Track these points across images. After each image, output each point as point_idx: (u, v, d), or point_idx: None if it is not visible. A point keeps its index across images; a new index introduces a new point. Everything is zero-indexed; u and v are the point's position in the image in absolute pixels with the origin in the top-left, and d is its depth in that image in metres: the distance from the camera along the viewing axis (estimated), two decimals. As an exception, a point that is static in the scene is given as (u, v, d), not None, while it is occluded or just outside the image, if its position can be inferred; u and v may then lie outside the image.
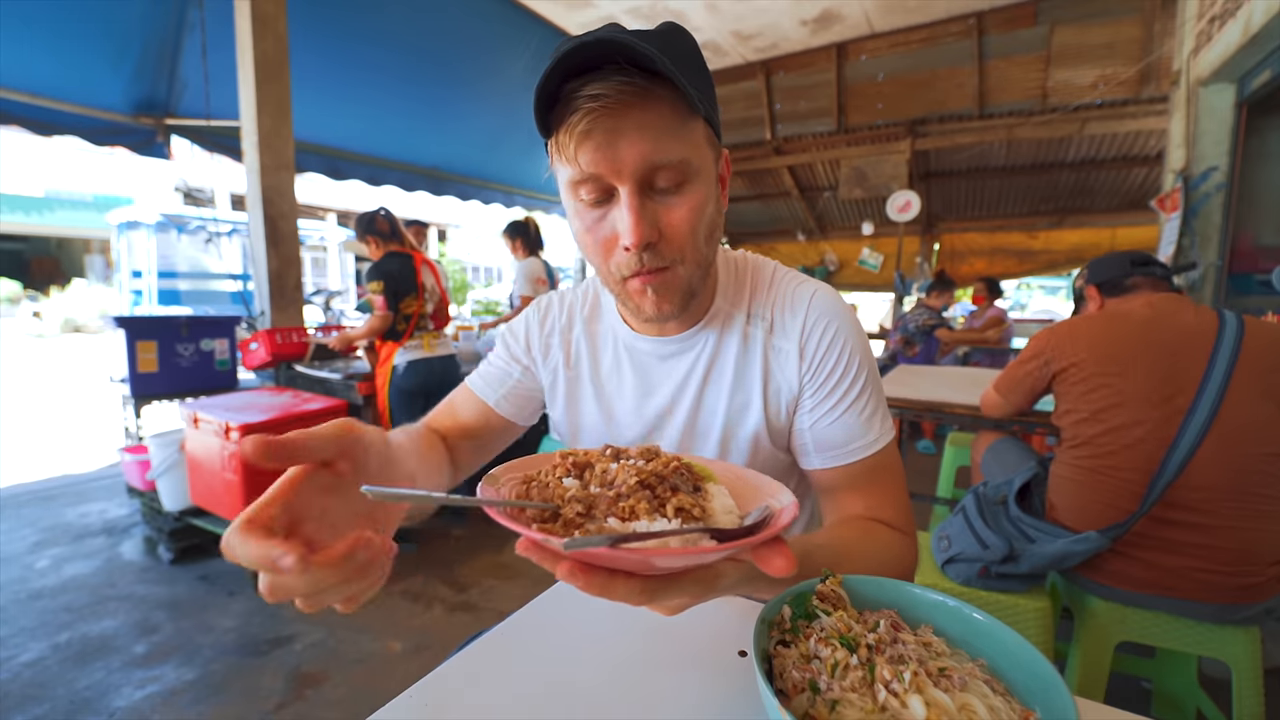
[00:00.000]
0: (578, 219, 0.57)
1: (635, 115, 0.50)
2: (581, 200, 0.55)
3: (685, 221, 0.55)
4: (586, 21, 4.60)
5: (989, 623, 0.44)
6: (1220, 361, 1.05)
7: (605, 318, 0.75)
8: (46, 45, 2.65)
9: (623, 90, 0.49)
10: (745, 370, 0.68)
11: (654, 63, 0.46)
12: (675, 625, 0.58)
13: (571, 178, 0.53)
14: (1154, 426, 1.08)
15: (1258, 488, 1.03)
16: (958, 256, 6.86)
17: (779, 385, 0.67)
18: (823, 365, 0.65)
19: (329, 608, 0.36)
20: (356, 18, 3.42)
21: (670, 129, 0.51)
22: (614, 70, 0.49)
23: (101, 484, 3.32)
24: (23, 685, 1.65)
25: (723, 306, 0.68)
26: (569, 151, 0.51)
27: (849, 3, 4.26)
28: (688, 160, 0.53)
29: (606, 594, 0.34)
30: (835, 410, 0.64)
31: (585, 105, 0.49)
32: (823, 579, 0.47)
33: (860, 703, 0.36)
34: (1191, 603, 1.08)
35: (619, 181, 0.52)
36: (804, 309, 0.66)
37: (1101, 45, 4.14)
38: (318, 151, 3.81)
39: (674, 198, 0.54)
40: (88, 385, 6.21)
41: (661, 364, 0.70)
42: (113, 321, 2.70)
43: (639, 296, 0.58)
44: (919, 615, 0.47)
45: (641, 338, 0.70)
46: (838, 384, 0.64)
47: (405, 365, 2.50)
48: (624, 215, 0.52)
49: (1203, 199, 2.62)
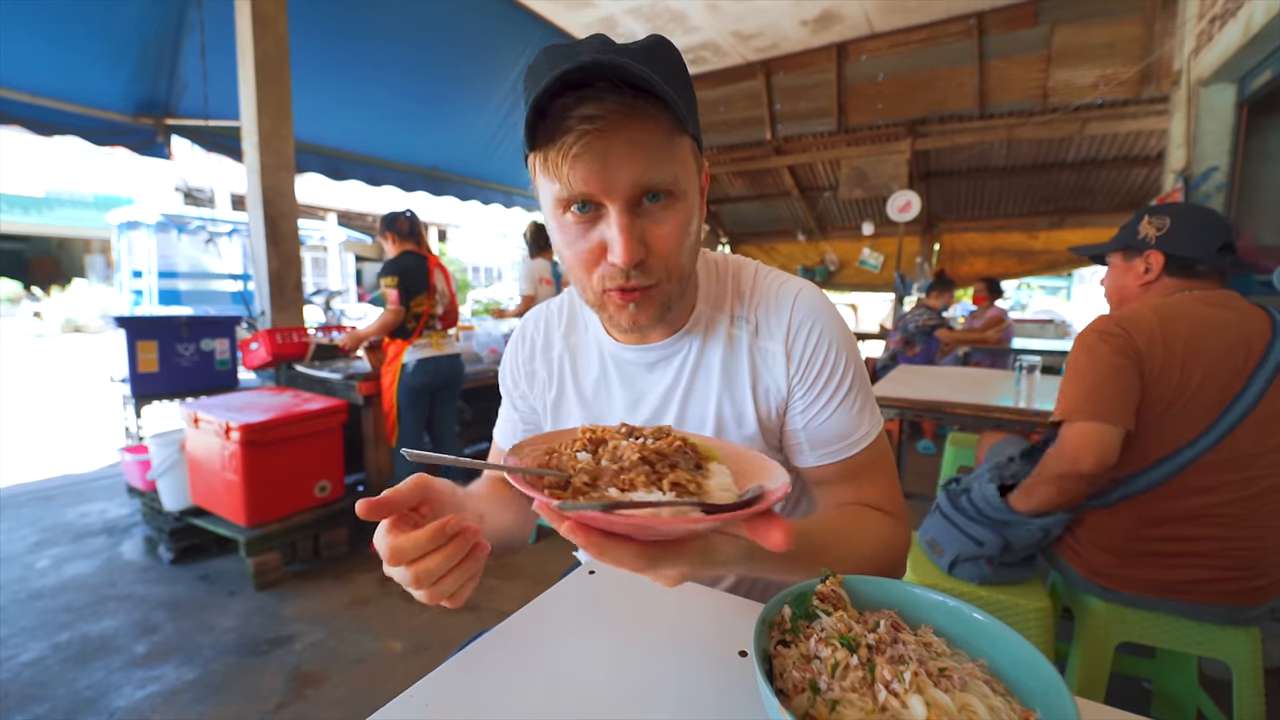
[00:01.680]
0: (562, 233, 0.57)
1: (627, 135, 0.50)
2: (568, 215, 0.55)
3: (672, 238, 0.55)
4: (587, 21, 4.60)
5: (989, 623, 0.44)
6: (1263, 374, 0.98)
7: (586, 330, 0.75)
8: (46, 45, 2.65)
9: (615, 110, 0.49)
10: (733, 373, 0.68)
11: (650, 84, 0.46)
12: (675, 625, 0.58)
13: (559, 195, 0.53)
14: (1181, 431, 1.02)
15: (1270, 493, 1.01)
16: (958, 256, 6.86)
17: (767, 386, 0.67)
18: (811, 365, 0.65)
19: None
20: (356, 18, 3.42)
21: (660, 148, 0.52)
22: (606, 87, 0.49)
23: (101, 484, 3.32)
24: (23, 685, 1.65)
25: (704, 310, 0.69)
26: (559, 170, 0.51)
27: (849, 3, 4.26)
28: (676, 179, 0.54)
29: (605, 556, 0.37)
30: (827, 409, 0.65)
31: (579, 126, 0.49)
32: (823, 579, 0.47)
33: (860, 703, 0.36)
34: (1197, 605, 1.07)
35: (609, 200, 0.52)
36: (788, 310, 0.67)
37: (1102, 45, 4.14)
38: (317, 151, 3.81)
39: (661, 214, 0.55)
40: (88, 385, 6.21)
41: (648, 372, 0.71)
42: (113, 321, 2.71)
43: (617, 310, 0.58)
44: (919, 615, 0.47)
45: (626, 347, 0.70)
46: (827, 383, 0.65)
47: (415, 364, 2.50)
48: (614, 234, 0.53)
49: (1203, 199, 2.61)
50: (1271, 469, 1.02)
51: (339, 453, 2.47)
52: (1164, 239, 1.11)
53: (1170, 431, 1.04)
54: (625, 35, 4.87)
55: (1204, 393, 1.01)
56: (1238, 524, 1.03)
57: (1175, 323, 1.03)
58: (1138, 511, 1.09)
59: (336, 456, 2.45)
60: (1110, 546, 1.13)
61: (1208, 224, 1.08)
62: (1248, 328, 1.02)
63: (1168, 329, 1.02)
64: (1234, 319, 1.03)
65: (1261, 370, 0.99)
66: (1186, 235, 1.08)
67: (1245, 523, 1.02)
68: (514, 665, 0.52)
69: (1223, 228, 1.07)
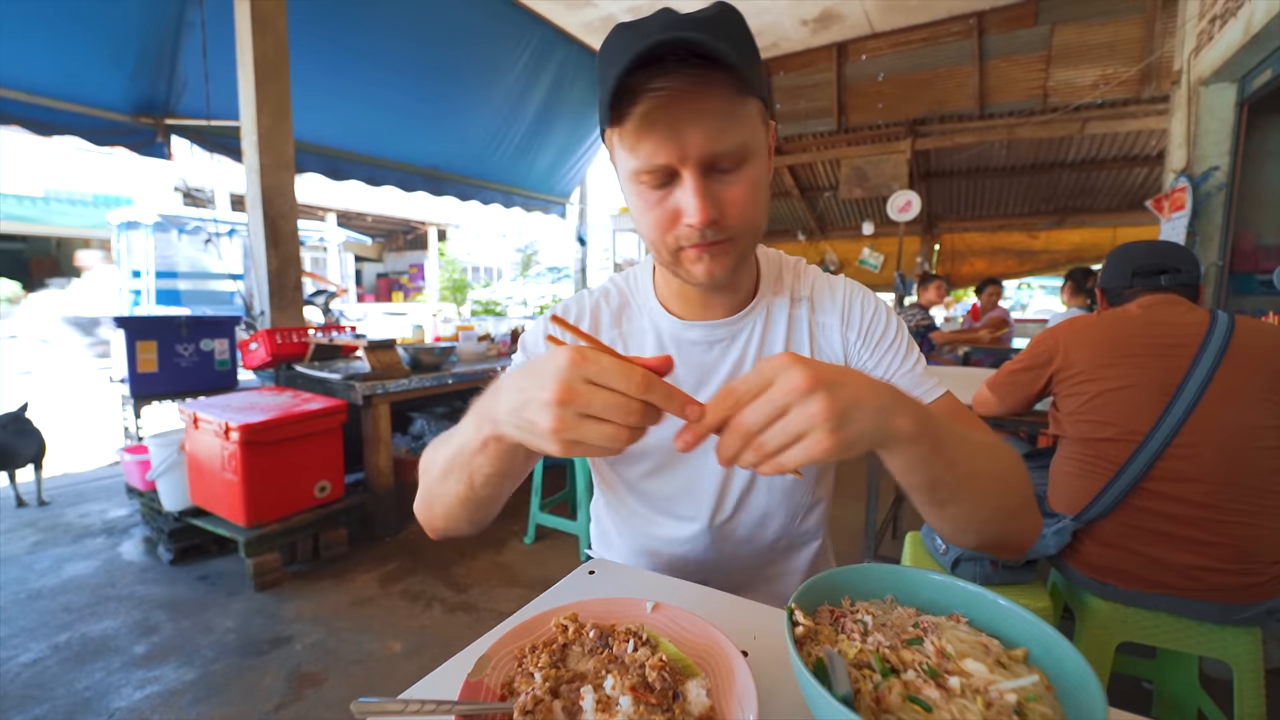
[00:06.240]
0: (639, 199, 0.59)
1: (696, 104, 0.52)
2: (643, 183, 0.57)
3: (745, 198, 0.58)
4: (587, 21, 4.59)
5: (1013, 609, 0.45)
6: (1205, 359, 1.09)
7: (640, 314, 0.75)
8: (46, 45, 2.65)
9: (684, 82, 0.51)
10: (797, 349, 0.71)
11: (716, 53, 0.48)
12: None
13: (637, 168, 0.56)
14: (1142, 422, 1.11)
15: (1254, 481, 1.04)
16: (958, 256, 6.86)
17: (826, 357, 0.71)
18: (873, 328, 0.71)
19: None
20: (356, 17, 3.42)
21: (729, 113, 0.54)
22: (675, 61, 0.50)
23: (101, 484, 3.32)
24: (22, 685, 1.65)
25: (766, 293, 0.73)
26: (635, 142, 0.54)
27: (849, 2, 4.26)
28: (745, 142, 0.56)
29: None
30: (895, 365, 0.70)
31: (650, 100, 0.51)
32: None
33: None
34: (1193, 602, 1.08)
35: (683, 167, 0.55)
36: (841, 288, 0.74)
37: (1102, 45, 4.14)
38: (317, 151, 3.80)
39: (733, 176, 0.57)
40: (87, 385, 6.21)
41: (709, 349, 0.72)
42: (113, 322, 2.70)
43: (693, 263, 0.60)
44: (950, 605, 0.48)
45: (690, 324, 0.71)
46: (892, 343, 0.71)
47: None
48: (689, 197, 0.55)
49: (1204, 199, 2.61)
50: (1238, 456, 1.05)
51: (339, 453, 2.46)
52: (1099, 279, 1.40)
53: (1137, 413, 1.13)
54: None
55: (1149, 374, 1.14)
56: (1223, 512, 1.05)
57: (1112, 322, 1.23)
58: (1129, 503, 1.13)
59: (336, 457, 2.45)
60: (1104, 539, 1.15)
61: (1121, 261, 1.32)
62: (1185, 320, 1.16)
63: (1106, 331, 1.22)
64: (1173, 316, 1.18)
65: (1203, 354, 1.09)
66: (1106, 273, 1.36)
67: (1230, 512, 1.05)
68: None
69: (1131, 258, 1.30)
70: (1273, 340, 1.11)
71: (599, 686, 0.44)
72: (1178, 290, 1.24)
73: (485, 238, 17.96)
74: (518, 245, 18.24)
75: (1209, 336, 1.11)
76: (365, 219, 13.09)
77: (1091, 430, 1.19)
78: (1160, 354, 1.14)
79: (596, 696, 0.43)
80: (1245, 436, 1.05)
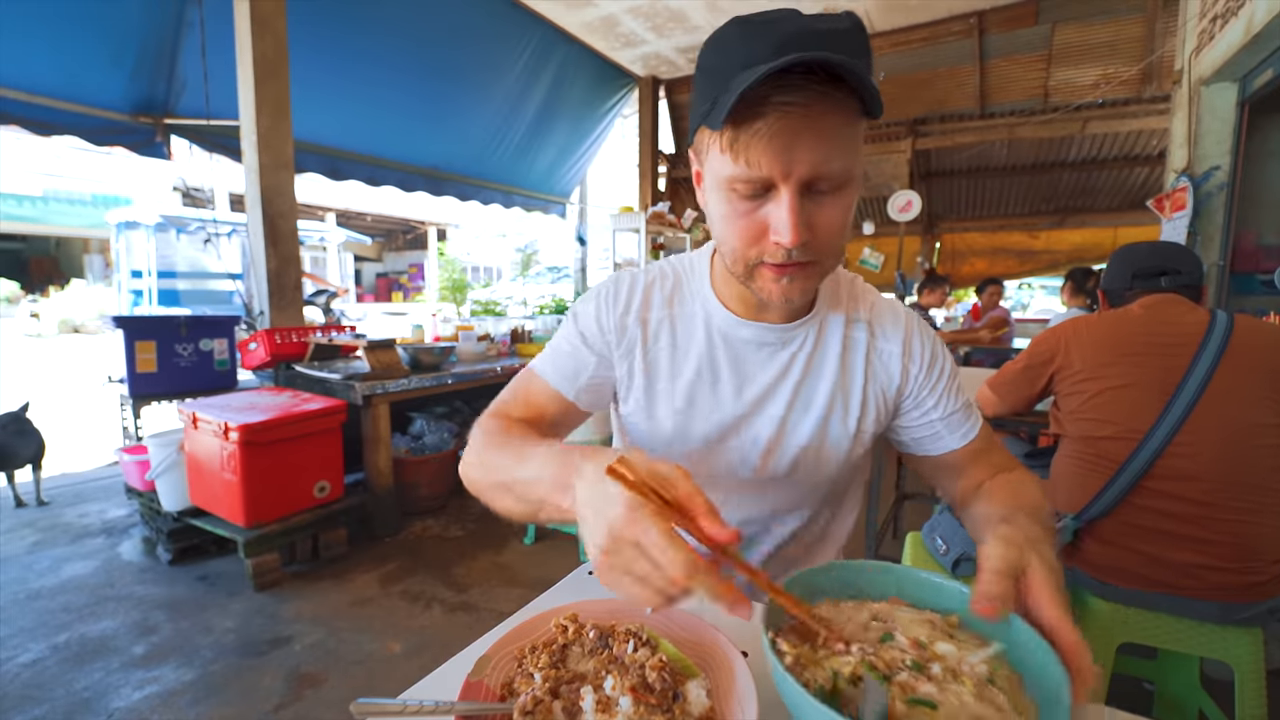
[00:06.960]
0: (726, 205, 0.57)
1: (817, 123, 0.50)
2: (735, 191, 0.55)
3: (837, 222, 0.56)
4: (587, 20, 4.59)
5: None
6: (1205, 357, 1.09)
7: (693, 300, 0.73)
8: (46, 45, 2.65)
9: (812, 97, 0.49)
10: (850, 369, 0.71)
11: (859, 80, 0.47)
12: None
13: (733, 175, 0.53)
14: (1142, 420, 1.11)
15: (1255, 479, 1.05)
16: (959, 256, 6.86)
17: (882, 386, 0.72)
18: (934, 364, 0.73)
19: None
20: (355, 17, 3.41)
21: (842, 136, 0.52)
22: (802, 70, 0.48)
23: (100, 484, 3.32)
24: (21, 686, 1.65)
25: (823, 308, 0.71)
26: (744, 151, 0.51)
27: (849, 2, 4.25)
28: (849, 167, 0.54)
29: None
30: (952, 398, 0.73)
31: (773, 113, 0.49)
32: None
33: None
34: (1194, 601, 1.08)
35: (784, 184, 0.52)
36: (903, 318, 0.74)
37: (1103, 44, 4.14)
38: (317, 151, 3.80)
39: (830, 198, 0.55)
40: (86, 385, 6.20)
41: (758, 351, 0.70)
42: (111, 322, 2.70)
43: (769, 281, 0.58)
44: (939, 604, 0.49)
45: (744, 323, 0.69)
46: (950, 377, 0.74)
47: None
48: (783, 215, 0.53)
49: (1205, 199, 2.61)
50: (1239, 455, 1.05)
51: (338, 453, 2.46)
52: (1102, 280, 1.42)
53: (1137, 412, 1.13)
54: (626, 34, 4.86)
55: (1150, 373, 1.14)
56: (1224, 510, 1.05)
57: (1113, 322, 1.24)
58: (1130, 502, 1.12)
59: (336, 457, 2.45)
60: (1105, 538, 1.15)
61: (1122, 260, 1.34)
62: (1186, 319, 1.17)
63: (1107, 331, 1.23)
64: (1173, 315, 1.19)
65: (1203, 353, 1.10)
66: (1111, 273, 1.37)
67: (1230, 510, 1.05)
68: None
69: (1132, 260, 1.31)
70: (1272, 339, 1.11)
71: (599, 687, 0.44)
72: (1179, 291, 1.24)
73: (485, 237, 17.97)
74: (517, 245, 18.24)
75: (1208, 335, 1.11)
76: (365, 219, 13.09)
77: (1092, 429, 1.19)
78: (1160, 353, 1.14)
79: (596, 697, 0.43)
80: (1245, 435, 1.06)
